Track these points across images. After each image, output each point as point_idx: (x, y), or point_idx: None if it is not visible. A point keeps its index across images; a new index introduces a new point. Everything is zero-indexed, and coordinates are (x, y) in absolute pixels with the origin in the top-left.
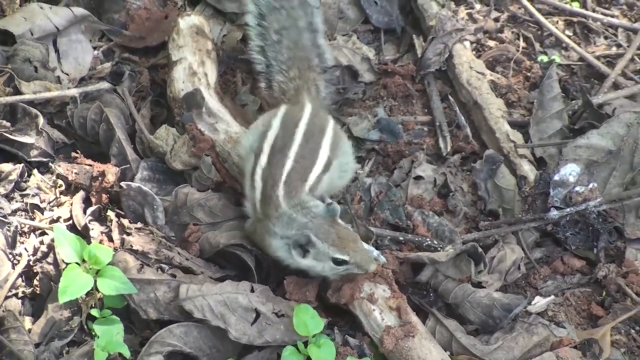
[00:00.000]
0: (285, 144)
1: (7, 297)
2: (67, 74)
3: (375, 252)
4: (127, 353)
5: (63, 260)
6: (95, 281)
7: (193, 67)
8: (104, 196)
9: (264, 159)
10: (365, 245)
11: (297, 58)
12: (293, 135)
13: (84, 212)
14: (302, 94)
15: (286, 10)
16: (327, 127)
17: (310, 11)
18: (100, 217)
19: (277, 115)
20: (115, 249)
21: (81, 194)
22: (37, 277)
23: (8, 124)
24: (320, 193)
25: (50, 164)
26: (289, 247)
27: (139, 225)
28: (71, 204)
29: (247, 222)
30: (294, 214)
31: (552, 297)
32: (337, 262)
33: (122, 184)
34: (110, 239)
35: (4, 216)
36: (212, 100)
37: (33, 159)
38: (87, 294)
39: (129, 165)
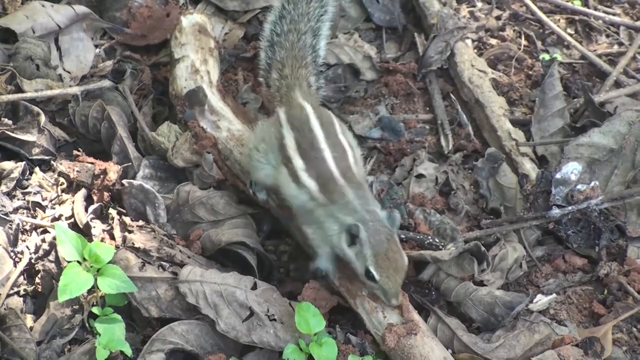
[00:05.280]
0: (311, 141)
1: (8, 295)
2: (69, 72)
3: None
4: (128, 351)
5: (64, 259)
6: (96, 279)
7: (195, 65)
8: (106, 194)
9: (299, 163)
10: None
11: (292, 57)
12: (312, 132)
13: (86, 210)
14: (294, 90)
15: (290, 16)
16: (333, 118)
17: (316, 17)
18: (101, 215)
19: (282, 124)
20: (117, 247)
21: (83, 192)
22: (39, 275)
23: (10, 122)
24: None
25: (52, 162)
26: (341, 231)
27: (141, 223)
28: (73, 202)
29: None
30: (358, 206)
31: (554, 295)
32: (368, 275)
33: (124, 181)
34: (112, 237)
35: (6, 214)
36: (214, 98)
37: (35, 157)
38: (89, 292)
39: (130, 163)
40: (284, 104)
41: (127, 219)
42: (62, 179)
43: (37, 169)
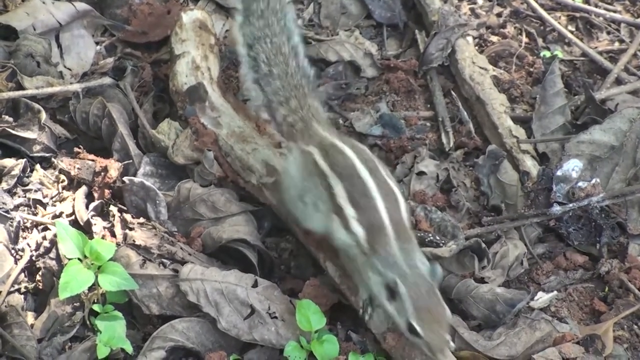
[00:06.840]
0: (363, 190)
1: (9, 293)
2: (70, 69)
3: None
4: (129, 348)
5: (65, 256)
6: (97, 277)
7: (196, 61)
8: (107, 191)
9: (350, 211)
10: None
11: (290, 87)
12: (361, 180)
13: (87, 208)
14: (311, 124)
15: (269, 38)
16: (375, 159)
17: (291, 34)
18: (102, 213)
19: (327, 174)
20: (117, 244)
21: (83, 189)
22: (40, 273)
23: (11, 119)
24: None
25: (52, 159)
26: (381, 285)
27: (142, 220)
28: (73, 199)
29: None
30: (400, 260)
31: (555, 292)
32: (411, 329)
33: (125, 179)
34: (113, 234)
35: (7, 211)
36: (215, 95)
37: (35, 154)
38: (90, 289)
39: (131, 161)
40: (311, 142)
41: (127, 216)
42: (62, 176)
43: (37, 166)
